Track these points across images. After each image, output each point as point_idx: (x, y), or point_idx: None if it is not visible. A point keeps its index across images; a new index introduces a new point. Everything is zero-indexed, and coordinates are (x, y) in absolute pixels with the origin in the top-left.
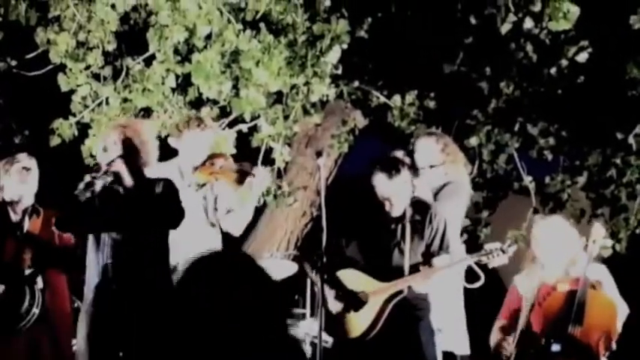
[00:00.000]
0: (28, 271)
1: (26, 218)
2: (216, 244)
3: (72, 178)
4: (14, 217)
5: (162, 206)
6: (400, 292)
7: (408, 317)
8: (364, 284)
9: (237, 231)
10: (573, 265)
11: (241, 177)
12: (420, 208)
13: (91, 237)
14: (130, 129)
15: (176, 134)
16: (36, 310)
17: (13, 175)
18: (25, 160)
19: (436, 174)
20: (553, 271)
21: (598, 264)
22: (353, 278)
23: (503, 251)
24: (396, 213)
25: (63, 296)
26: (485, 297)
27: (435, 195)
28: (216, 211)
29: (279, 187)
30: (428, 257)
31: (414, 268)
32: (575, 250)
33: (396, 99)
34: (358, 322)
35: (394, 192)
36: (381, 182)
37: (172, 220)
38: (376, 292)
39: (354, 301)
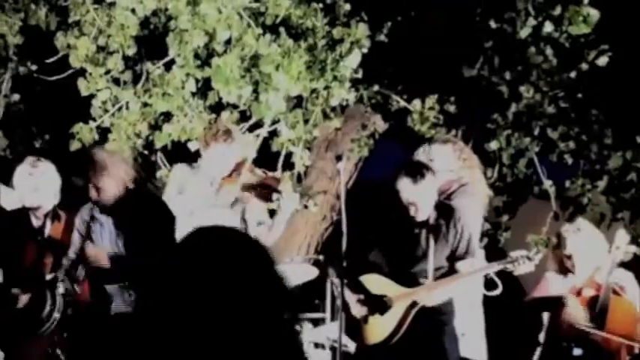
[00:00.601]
0: (49, 276)
1: (47, 223)
2: None
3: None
4: (35, 222)
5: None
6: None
7: (433, 322)
8: (388, 289)
9: (270, 243)
10: (598, 270)
11: (268, 194)
12: (444, 211)
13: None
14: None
15: (203, 146)
16: (57, 315)
17: (31, 180)
18: (42, 164)
19: (450, 178)
20: (581, 276)
21: (623, 270)
22: (377, 283)
23: (530, 259)
24: (421, 218)
25: (84, 298)
26: (503, 305)
27: (449, 199)
28: (246, 223)
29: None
30: (453, 261)
31: (439, 273)
32: (602, 257)
33: (416, 103)
34: (381, 327)
35: (419, 197)
36: (405, 187)
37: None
38: (400, 297)
39: (378, 305)
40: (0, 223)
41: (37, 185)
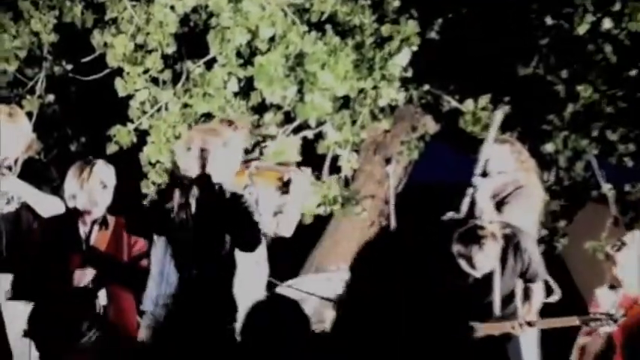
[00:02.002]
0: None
1: (94, 230)
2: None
3: (129, 186)
4: (82, 229)
5: (240, 228)
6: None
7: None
8: None
9: (288, 232)
10: None
11: (278, 177)
12: (509, 241)
13: (156, 248)
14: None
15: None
16: (97, 328)
17: (91, 184)
18: (104, 170)
19: (505, 181)
20: (636, 284)
21: None
22: None
23: (613, 319)
24: (478, 275)
25: (129, 313)
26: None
27: (503, 201)
28: (261, 215)
29: (349, 199)
30: (523, 288)
31: (507, 304)
32: None
33: (469, 103)
34: None
35: (478, 263)
36: (461, 253)
37: (249, 244)
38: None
39: None
40: (45, 231)
41: (100, 191)
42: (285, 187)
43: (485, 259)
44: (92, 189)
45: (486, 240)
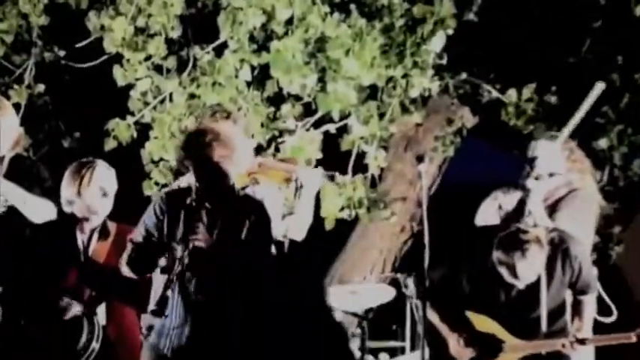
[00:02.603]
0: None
1: (93, 239)
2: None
3: (130, 188)
4: (80, 237)
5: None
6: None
7: None
8: (497, 331)
9: (299, 236)
10: None
11: (285, 177)
12: (558, 242)
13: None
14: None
15: None
16: (96, 345)
17: (90, 191)
18: (105, 175)
19: (557, 183)
20: None
21: None
22: (484, 321)
23: None
24: (522, 285)
25: (131, 330)
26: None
27: (555, 207)
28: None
29: (376, 201)
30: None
31: (555, 319)
32: None
33: (511, 94)
34: None
35: (521, 272)
36: (502, 261)
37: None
38: (516, 348)
39: (488, 348)
40: (37, 239)
41: (100, 196)
42: (292, 186)
43: (529, 268)
44: (91, 196)
45: (530, 245)
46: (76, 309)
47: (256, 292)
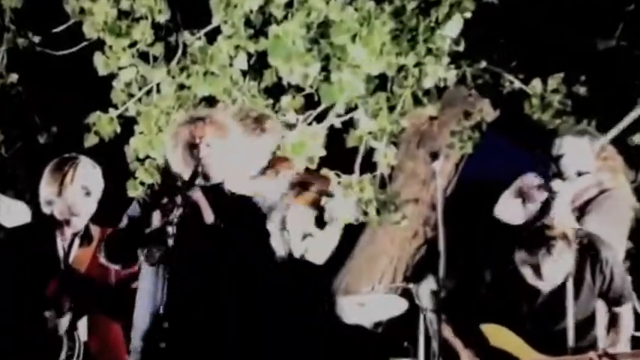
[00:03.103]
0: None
1: (75, 245)
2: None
3: (113, 188)
4: (61, 243)
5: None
6: None
7: None
8: (516, 347)
9: (320, 259)
10: None
11: (315, 197)
12: (586, 246)
13: (145, 272)
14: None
15: None
16: None
17: (72, 191)
18: (89, 173)
19: (586, 184)
20: None
21: None
22: (501, 335)
23: None
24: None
25: (115, 347)
26: None
27: (584, 209)
28: (287, 232)
29: (385, 203)
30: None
31: (585, 333)
32: None
33: (536, 84)
34: None
35: (546, 271)
36: (525, 260)
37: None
38: None
39: None
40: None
41: (83, 196)
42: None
43: (555, 267)
44: (73, 196)
45: (556, 242)
46: (61, 324)
47: (249, 293)
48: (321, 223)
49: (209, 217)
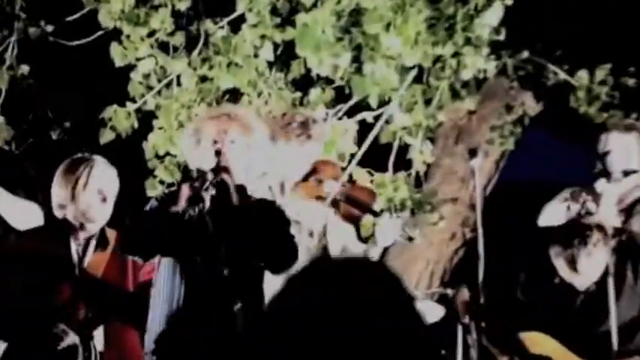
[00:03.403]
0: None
1: (89, 249)
2: None
3: (130, 188)
4: (75, 247)
5: (273, 240)
6: None
7: None
8: (558, 354)
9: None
10: None
11: (357, 213)
12: (628, 246)
13: (161, 271)
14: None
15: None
16: None
17: (86, 195)
18: (104, 175)
19: (633, 184)
20: None
21: None
22: (542, 343)
23: None
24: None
25: (133, 357)
26: None
27: (630, 211)
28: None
29: (422, 203)
30: None
31: (630, 336)
32: None
33: (582, 75)
34: None
35: (581, 265)
36: (560, 254)
37: (281, 264)
38: None
39: None
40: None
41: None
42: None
43: (590, 259)
44: (88, 201)
45: (592, 233)
46: (71, 338)
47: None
48: (361, 238)
49: (236, 200)
